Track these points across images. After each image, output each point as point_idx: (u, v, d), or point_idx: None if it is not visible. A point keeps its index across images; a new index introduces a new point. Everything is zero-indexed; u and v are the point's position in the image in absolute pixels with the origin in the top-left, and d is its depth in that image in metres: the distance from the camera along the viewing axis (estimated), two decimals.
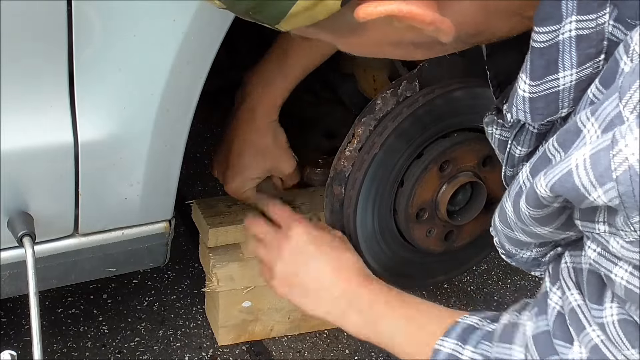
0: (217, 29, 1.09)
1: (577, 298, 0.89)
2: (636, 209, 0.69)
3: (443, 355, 1.03)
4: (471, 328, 1.05)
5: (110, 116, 1.11)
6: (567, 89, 0.81)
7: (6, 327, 1.58)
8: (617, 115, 0.71)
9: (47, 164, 1.11)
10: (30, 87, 1.04)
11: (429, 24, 0.76)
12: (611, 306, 0.83)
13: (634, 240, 0.72)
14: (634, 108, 0.69)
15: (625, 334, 0.82)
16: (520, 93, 0.84)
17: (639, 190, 0.68)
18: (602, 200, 0.71)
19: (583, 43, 0.78)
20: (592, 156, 0.71)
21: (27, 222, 1.12)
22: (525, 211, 0.84)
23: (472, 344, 1.02)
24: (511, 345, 0.96)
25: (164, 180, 1.23)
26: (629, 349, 0.82)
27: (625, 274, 0.76)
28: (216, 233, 1.49)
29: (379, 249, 1.45)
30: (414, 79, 1.34)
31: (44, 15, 0.98)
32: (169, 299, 1.71)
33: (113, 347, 1.58)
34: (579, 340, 0.88)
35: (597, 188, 0.71)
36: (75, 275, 1.27)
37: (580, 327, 0.88)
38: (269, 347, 1.64)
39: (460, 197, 1.46)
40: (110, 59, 1.06)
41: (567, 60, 0.79)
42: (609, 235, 0.76)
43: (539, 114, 0.84)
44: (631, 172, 0.68)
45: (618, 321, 0.83)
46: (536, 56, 0.81)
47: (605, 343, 0.85)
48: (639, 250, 0.73)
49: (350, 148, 1.34)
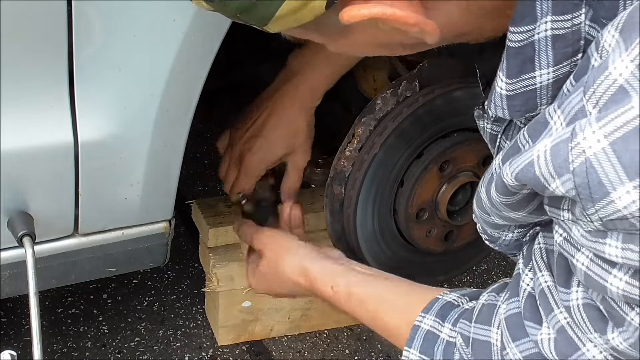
0: (217, 29, 1.09)
1: (548, 279, 0.91)
2: (591, 201, 0.70)
3: (422, 331, 1.05)
4: (450, 305, 1.06)
5: (110, 116, 1.11)
6: (544, 86, 0.83)
7: (6, 327, 1.58)
8: (581, 109, 0.72)
9: (47, 164, 1.11)
10: (30, 87, 1.04)
11: (412, 25, 0.77)
12: (577, 290, 0.85)
13: (592, 230, 0.74)
14: (596, 103, 0.71)
15: (589, 318, 0.84)
16: (497, 90, 0.87)
17: (594, 183, 0.69)
18: (560, 191, 0.73)
19: (559, 42, 0.79)
20: (552, 147, 0.72)
21: (27, 222, 1.12)
22: (495, 198, 0.86)
23: (450, 322, 1.03)
24: (490, 327, 0.98)
25: (164, 180, 1.23)
26: (592, 332, 0.84)
27: (585, 260, 0.78)
28: (216, 233, 1.50)
29: (379, 249, 1.45)
30: (414, 79, 1.34)
31: (44, 15, 0.98)
32: (169, 299, 1.71)
33: (113, 347, 1.59)
34: (547, 322, 0.89)
35: (555, 179, 0.73)
36: (75, 275, 1.27)
37: (549, 308, 0.89)
38: (269, 347, 1.64)
39: (460, 197, 1.46)
40: (110, 59, 1.06)
41: (544, 59, 0.81)
42: (571, 223, 0.78)
43: (517, 111, 0.86)
44: (587, 165, 0.69)
45: (583, 305, 0.84)
46: (511, 55, 0.83)
47: (571, 325, 0.86)
48: (595, 240, 0.74)
49: (350, 148, 1.34)
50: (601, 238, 0.73)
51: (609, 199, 0.69)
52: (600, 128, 0.69)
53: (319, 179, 1.58)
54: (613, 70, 0.70)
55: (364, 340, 1.68)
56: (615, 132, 0.68)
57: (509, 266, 1.95)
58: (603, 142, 0.68)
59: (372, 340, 1.67)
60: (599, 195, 0.70)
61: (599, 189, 0.69)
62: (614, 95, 0.69)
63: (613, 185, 0.69)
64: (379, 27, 0.80)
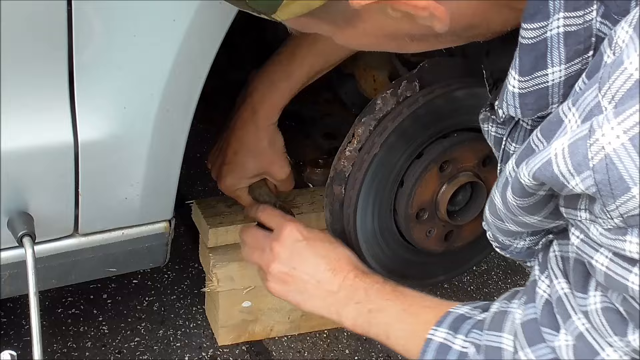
0: (217, 29, 1.09)
1: (564, 287, 0.91)
2: (612, 197, 0.70)
3: (435, 344, 1.04)
4: (462, 317, 1.06)
5: (110, 116, 1.11)
6: (556, 84, 0.82)
7: (6, 327, 1.58)
8: (597, 105, 0.72)
9: (47, 164, 1.11)
10: (30, 87, 1.04)
11: (422, 8, 0.78)
12: (595, 294, 0.85)
13: (611, 227, 0.73)
14: (612, 98, 0.71)
15: (608, 322, 0.83)
16: (510, 89, 0.86)
17: (614, 179, 0.69)
18: (579, 189, 0.73)
19: (571, 39, 0.79)
20: (570, 145, 0.72)
21: (27, 222, 1.12)
22: (512, 201, 0.86)
23: (463, 333, 1.03)
24: (501, 333, 0.98)
25: (164, 180, 1.23)
26: (611, 336, 0.83)
27: (605, 260, 0.77)
28: (216, 233, 1.50)
29: (379, 249, 1.45)
30: (414, 79, 1.34)
31: (44, 15, 0.98)
32: (169, 299, 1.71)
33: (113, 347, 1.59)
34: (565, 328, 0.89)
35: (575, 176, 0.72)
36: (75, 275, 1.27)
37: (567, 315, 0.89)
38: (269, 347, 1.64)
39: (460, 197, 1.46)
40: (110, 59, 1.06)
41: (556, 56, 0.81)
42: (589, 223, 0.78)
43: (529, 109, 0.86)
44: (607, 161, 0.69)
45: (602, 309, 0.84)
46: (524, 52, 0.82)
47: (590, 331, 0.86)
48: (615, 238, 0.74)
49: (350, 148, 1.34)
50: (621, 235, 0.73)
51: (630, 194, 0.69)
52: (619, 124, 0.69)
53: (319, 179, 1.58)
54: (629, 65, 0.69)
55: (364, 340, 1.68)
56: (634, 127, 0.68)
57: (509, 266, 1.95)
58: (622, 137, 0.69)
59: (372, 340, 1.66)
60: (620, 191, 0.70)
61: (620, 184, 0.69)
62: (630, 90, 0.69)
63: (634, 180, 0.68)
64: (388, 15, 0.80)
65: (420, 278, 1.59)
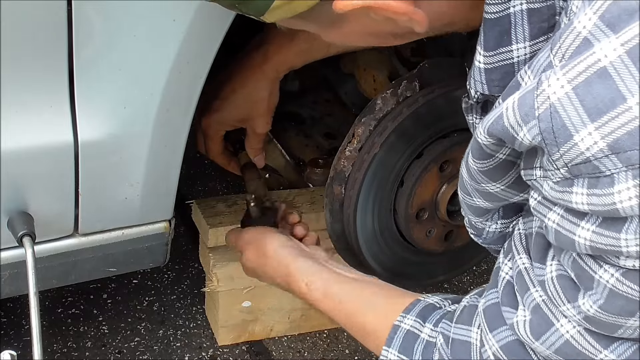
0: (217, 29, 1.09)
1: (525, 261, 0.92)
2: (555, 145, 0.72)
3: (402, 331, 1.04)
4: (431, 307, 1.06)
5: (110, 116, 1.11)
6: (522, 61, 0.84)
7: (6, 327, 1.58)
8: (549, 65, 0.74)
9: (47, 164, 1.11)
10: (30, 87, 1.04)
11: (402, 14, 0.81)
12: (551, 264, 0.86)
13: (559, 179, 0.75)
14: (562, 57, 0.73)
15: (562, 289, 0.84)
16: (476, 64, 0.88)
17: (558, 127, 0.71)
18: (527, 139, 0.74)
19: (534, 17, 0.81)
20: (519, 98, 0.74)
21: (27, 222, 1.12)
22: (472, 165, 0.88)
23: (432, 322, 1.03)
24: (470, 327, 0.98)
25: (163, 180, 1.23)
26: (565, 304, 0.84)
27: (557, 217, 0.79)
28: (216, 233, 1.50)
29: (379, 249, 1.45)
30: (414, 79, 1.34)
31: (44, 15, 0.98)
32: (169, 299, 1.72)
33: (113, 347, 1.59)
34: (523, 303, 0.90)
35: (522, 127, 0.74)
36: (75, 275, 1.27)
37: (525, 287, 0.90)
38: (269, 347, 1.64)
39: None
40: (110, 59, 1.06)
41: (520, 32, 0.83)
42: (543, 180, 0.79)
43: (495, 86, 0.88)
44: (551, 110, 0.71)
45: (556, 277, 0.85)
46: (488, 27, 0.84)
47: (546, 302, 0.87)
48: (563, 190, 0.75)
49: (350, 148, 1.34)
50: (568, 187, 0.74)
51: (572, 142, 0.71)
52: (564, 74, 0.71)
53: (319, 179, 1.58)
54: (577, 24, 0.71)
55: None
56: (578, 77, 0.70)
57: None
58: (566, 87, 0.70)
59: None
60: (563, 138, 0.71)
61: (562, 132, 0.71)
62: (579, 47, 0.71)
63: (576, 127, 0.70)
64: (371, 17, 0.83)
65: (420, 278, 1.59)
